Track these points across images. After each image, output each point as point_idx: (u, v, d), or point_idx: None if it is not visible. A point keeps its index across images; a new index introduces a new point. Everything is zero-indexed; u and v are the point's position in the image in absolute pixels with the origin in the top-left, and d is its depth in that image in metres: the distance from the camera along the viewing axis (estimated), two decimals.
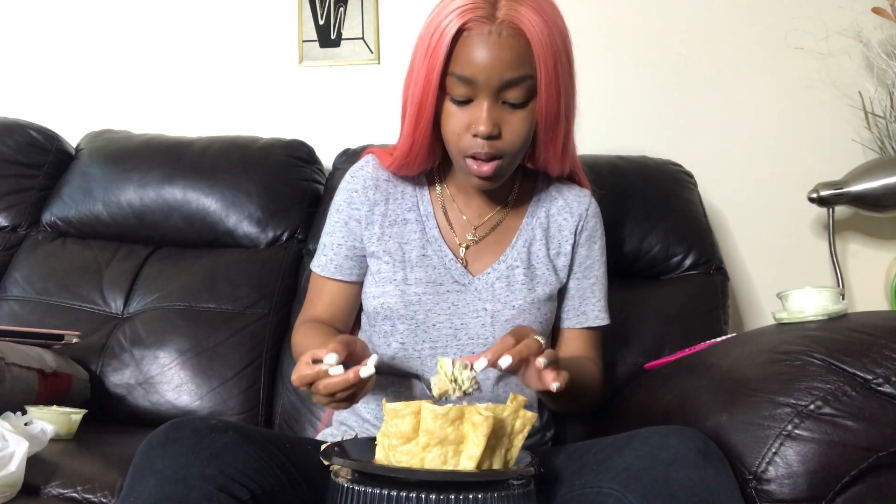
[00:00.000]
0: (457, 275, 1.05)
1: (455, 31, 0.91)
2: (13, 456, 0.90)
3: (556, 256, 1.09)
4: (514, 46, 0.91)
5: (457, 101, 0.95)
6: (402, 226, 1.07)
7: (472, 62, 0.91)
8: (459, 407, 0.71)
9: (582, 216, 1.10)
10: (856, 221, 1.76)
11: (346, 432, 1.07)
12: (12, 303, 1.50)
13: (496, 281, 1.05)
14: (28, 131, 1.71)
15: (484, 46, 0.90)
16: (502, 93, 0.93)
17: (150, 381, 1.39)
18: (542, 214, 1.10)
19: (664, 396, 1.03)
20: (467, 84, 0.92)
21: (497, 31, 0.90)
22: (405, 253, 1.05)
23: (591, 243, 1.11)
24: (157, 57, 1.91)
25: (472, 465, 0.70)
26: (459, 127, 0.95)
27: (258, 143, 1.67)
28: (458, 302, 1.03)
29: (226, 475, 0.73)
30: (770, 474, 0.78)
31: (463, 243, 1.07)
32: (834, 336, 0.89)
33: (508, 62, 0.91)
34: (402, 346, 1.04)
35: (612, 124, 1.80)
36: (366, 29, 1.85)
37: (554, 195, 1.12)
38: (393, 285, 1.03)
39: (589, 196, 1.13)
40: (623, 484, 0.76)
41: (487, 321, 1.03)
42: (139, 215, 1.59)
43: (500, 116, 0.94)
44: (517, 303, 1.03)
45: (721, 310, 1.45)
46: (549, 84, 0.93)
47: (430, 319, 1.03)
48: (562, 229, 1.10)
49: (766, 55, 1.78)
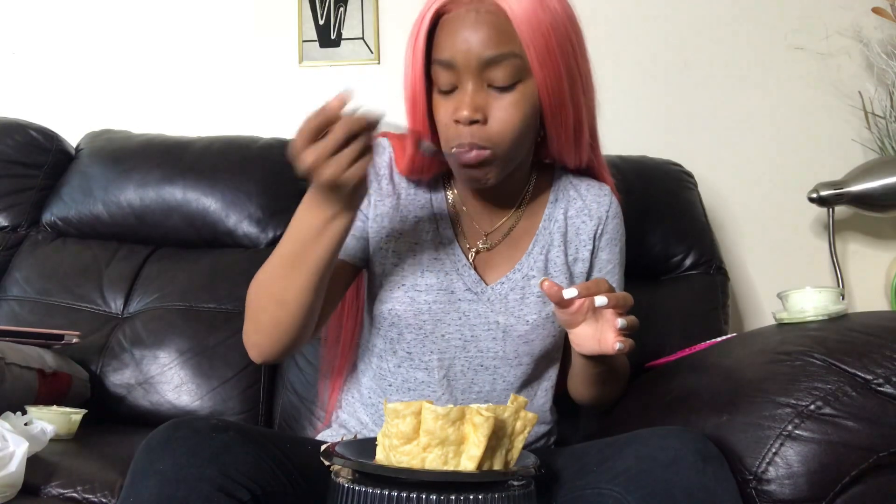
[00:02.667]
0: (470, 282, 0.99)
1: (433, 15, 0.88)
2: (13, 456, 0.89)
3: (573, 263, 1.03)
4: (493, 23, 0.86)
5: (443, 91, 0.90)
6: (414, 224, 1.00)
7: (451, 44, 0.87)
8: (460, 407, 0.71)
9: (602, 219, 1.03)
10: (856, 221, 1.76)
11: (345, 434, 1.07)
12: (12, 303, 1.50)
13: (510, 292, 0.99)
14: (28, 131, 1.71)
15: (462, 26, 0.86)
16: (485, 74, 0.87)
17: (150, 381, 1.39)
18: (559, 217, 1.03)
19: (664, 396, 1.03)
20: (449, 69, 0.88)
21: (475, 10, 0.86)
22: (416, 255, 0.99)
23: (611, 246, 1.05)
24: (157, 57, 1.91)
25: (472, 466, 0.70)
26: (446, 117, 0.90)
27: (258, 143, 1.67)
28: (469, 312, 0.98)
29: (226, 476, 0.72)
30: (770, 475, 0.78)
31: (474, 248, 1.01)
32: (834, 336, 0.89)
33: (486, 39, 0.85)
34: (409, 356, 1.00)
35: (612, 124, 1.79)
36: (366, 29, 1.85)
37: (573, 195, 1.04)
38: (402, 291, 0.98)
39: (609, 194, 1.05)
40: (623, 485, 0.76)
41: (499, 335, 0.98)
42: (139, 215, 1.59)
43: (485, 101, 0.88)
44: (531, 317, 0.98)
45: (721, 310, 1.45)
46: (543, 62, 0.87)
47: (440, 330, 0.98)
48: (580, 233, 1.03)
49: (766, 55, 1.78)
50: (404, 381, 1.02)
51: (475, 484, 0.70)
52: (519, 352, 0.99)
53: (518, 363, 1.00)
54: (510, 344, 0.99)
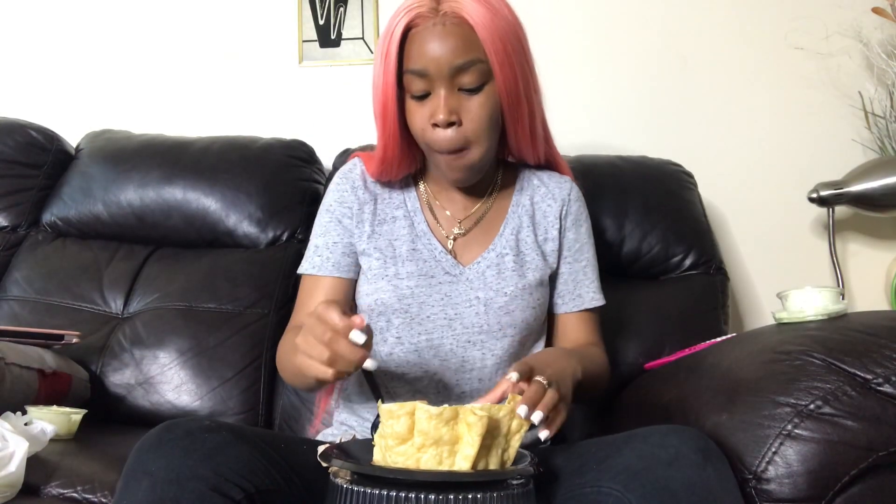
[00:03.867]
0: (447, 266, 1.06)
1: (403, 29, 0.97)
2: (13, 456, 0.90)
3: (543, 242, 1.11)
4: (459, 34, 0.95)
5: (416, 97, 0.99)
6: (392, 223, 1.10)
7: (422, 55, 0.96)
8: (454, 407, 0.71)
9: (565, 201, 1.13)
10: (856, 221, 1.76)
11: (346, 432, 1.07)
12: (12, 303, 1.50)
13: (487, 269, 1.06)
14: (28, 131, 1.71)
15: (431, 38, 0.95)
16: (456, 79, 0.96)
17: (150, 381, 1.39)
18: (526, 202, 1.13)
19: (664, 396, 1.03)
20: (421, 77, 0.97)
21: (441, 23, 0.95)
22: (395, 248, 1.07)
23: (577, 226, 1.14)
24: (157, 57, 1.92)
25: (467, 466, 0.70)
26: (422, 121, 0.99)
27: (258, 143, 1.67)
28: (450, 292, 1.05)
29: (219, 475, 0.72)
30: (770, 474, 0.78)
31: (450, 236, 1.10)
32: (834, 336, 0.88)
33: (455, 48, 0.95)
34: (399, 341, 1.05)
35: (613, 124, 1.80)
36: (366, 29, 1.86)
37: (536, 183, 1.15)
38: (385, 280, 1.05)
39: (570, 181, 1.16)
40: (623, 483, 0.76)
41: (481, 309, 1.04)
42: (139, 215, 1.59)
43: (457, 104, 0.97)
44: (509, 289, 1.05)
45: (721, 310, 1.45)
46: (502, 65, 0.97)
47: (424, 311, 1.04)
48: (546, 215, 1.12)
49: (766, 55, 1.78)
50: (398, 366, 1.05)
51: (474, 483, 0.70)
52: (502, 323, 1.04)
53: (503, 335, 1.05)
54: (492, 316, 1.04)
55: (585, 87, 1.81)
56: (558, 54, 1.80)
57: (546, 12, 1.81)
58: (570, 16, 1.82)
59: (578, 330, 1.14)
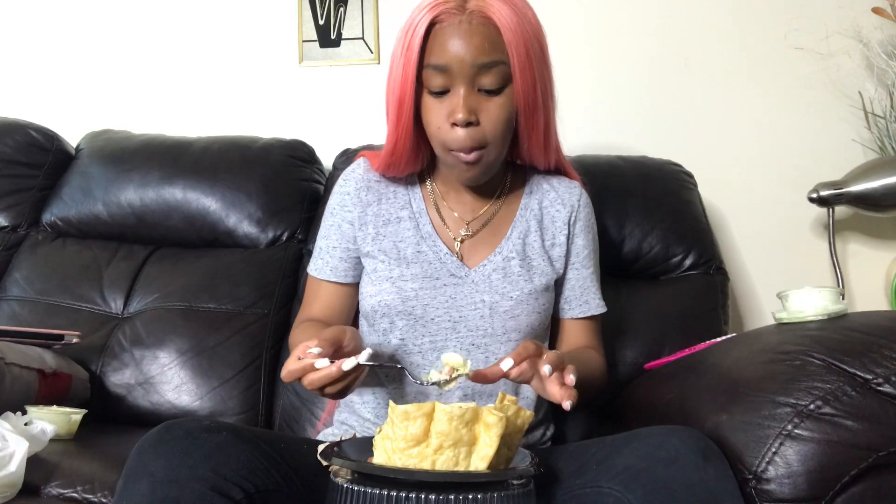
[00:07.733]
0: (453, 268, 1.05)
1: (428, 23, 0.95)
2: (13, 456, 0.90)
3: (550, 247, 1.10)
4: (485, 33, 0.94)
5: (434, 93, 0.97)
6: (396, 224, 1.08)
7: (445, 51, 0.94)
8: (475, 408, 0.71)
9: (574, 207, 1.12)
10: (856, 221, 1.76)
11: (346, 431, 1.08)
12: (12, 303, 1.50)
13: (493, 272, 1.05)
14: (28, 131, 1.71)
15: (456, 35, 0.94)
16: (477, 79, 0.95)
17: (150, 381, 1.39)
18: (535, 206, 1.12)
19: (664, 396, 1.03)
20: (443, 73, 0.95)
21: (468, 21, 0.94)
22: (400, 250, 1.06)
23: (586, 232, 1.13)
24: (157, 57, 1.92)
25: (484, 466, 0.70)
26: (439, 118, 0.97)
27: (258, 143, 1.67)
28: (455, 295, 1.04)
29: (219, 475, 0.73)
30: (770, 474, 0.78)
31: (457, 238, 1.08)
32: (834, 336, 0.89)
33: (480, 47, 0.93)
34: (403, 343, 1.04)
35: (613, 124, 1.80)
36: (366, 29, 1.86)
37: (545, 188, 1.13)
38: (389, 282, 1.04)
39: (579, 187, 1.15)
40: (623, 483, 0.76)
41: (486, 312, 1.03)
42: (139, 215, 1.59)
43: (477, 103, 0.96)
44: (515, 293, 1.04)
45: (721, 310, 1.45)
46: (523, 70, 0.96)
47: (429, 314, 1.03)
48: (555, 220, 1.11)
49: (766, 55, 1.78)
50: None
51: (474, 483, 0.70)
52: (507, 327, 1.03)
53: (507, 339, 1.04)
54: (497, 320, 1.03)
55: (585, 87, 1.81)
56: (558, 54, 1.76)
57: (546, 12, 1.80)
58: (570, 16, 1.82)
59: (582, 335, 1.14)
